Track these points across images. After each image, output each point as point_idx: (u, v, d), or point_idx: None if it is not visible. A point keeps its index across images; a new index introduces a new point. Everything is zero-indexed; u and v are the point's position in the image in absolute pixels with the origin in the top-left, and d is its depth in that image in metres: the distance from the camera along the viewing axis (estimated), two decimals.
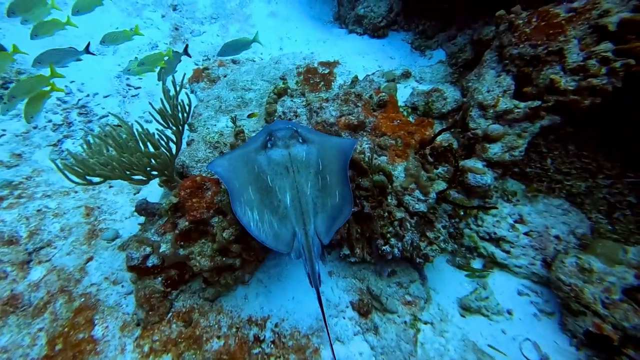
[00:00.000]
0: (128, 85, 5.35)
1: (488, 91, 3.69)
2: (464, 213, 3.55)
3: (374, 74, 5.20)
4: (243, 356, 2.76)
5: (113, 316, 2.99)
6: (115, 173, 2.74)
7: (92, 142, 2.85)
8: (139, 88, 5.34)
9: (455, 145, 3.82)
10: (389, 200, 3.01)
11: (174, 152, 3.20)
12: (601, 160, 3.55)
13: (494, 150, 3.56)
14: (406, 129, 3.33)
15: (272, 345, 2.84)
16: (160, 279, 2.90)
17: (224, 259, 2.78)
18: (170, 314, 2.94)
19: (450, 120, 4.39)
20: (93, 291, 3.14)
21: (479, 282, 3.37)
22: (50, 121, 4.62)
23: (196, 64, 5.80)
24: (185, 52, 4.54)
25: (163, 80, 3.11)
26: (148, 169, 2.94)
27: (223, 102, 4.23)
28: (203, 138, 3.69)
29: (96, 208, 3.81)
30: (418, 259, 3.02)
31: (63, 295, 3.10)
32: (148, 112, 3.72)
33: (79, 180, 2.72)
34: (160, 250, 2.79)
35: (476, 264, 3.55)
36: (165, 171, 3.07)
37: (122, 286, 3.18)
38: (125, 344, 2.84)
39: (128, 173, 2.83)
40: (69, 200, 3.83)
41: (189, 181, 2.83)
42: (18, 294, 3.08)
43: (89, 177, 2.75)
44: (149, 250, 2.82)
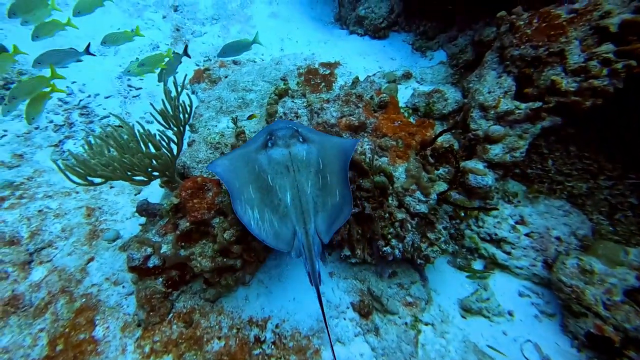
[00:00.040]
0: (129, 86, 5.36)
1: (489, 92, 3.69)
2: (464, 214, 3.55)
3: (374, 75, 5.21)
4: (244, 357, 2.76)
5: (114, 317, 2.99)
6: (116, 174, 2.75)
7: (94, 143, 2.85)
8: (140, 89, 5.35)
9: (456, 146, 3.82)
10: (390, 201, 3.00)
11: (175, 153, 3.20)
12: (602, 161, 3.54)
13: (495, 151, 3.56)
14: (407, 130, 3.33)
15: (273, 346, 2.84)
16: (161, 279, 2.90)
17: (225, 260, 2.79)
18: (171, 314, 2.95)
19: (451, 121, 4.40)
20: (94, 292, 3.14)
21: (479, 284, 3.36)
22: (51, 122, 4.62)
23: (197, 65, 5.81)
24: (185, 53, 4.54)
25: (164, 81, 3.12)
26: (149, 169, 2.95)
27: (224, 103, 4.23)
28: (204, 139, 3.69)
29: (97, 209, 3.82)
30: (419, 260, 3.01)
31: (64, 295, 3.11)
32: (149, 113, 3.72)
33: (80, 181, 2.73)
34: (161, 251, 2.79)
35: (477, 265, 3.55)
36: (166, 172, 3.07)
37: (123, 287, 3.18)
38: (126, 344, 2.84)
39: (129, 174, 2.83)
40: (70, 200, 3.84)
41: (190, 182, 2.83)
42: (19, 295, 3.09)
43: (90, 178, 2.76)
44: (150, 251, 2.82)
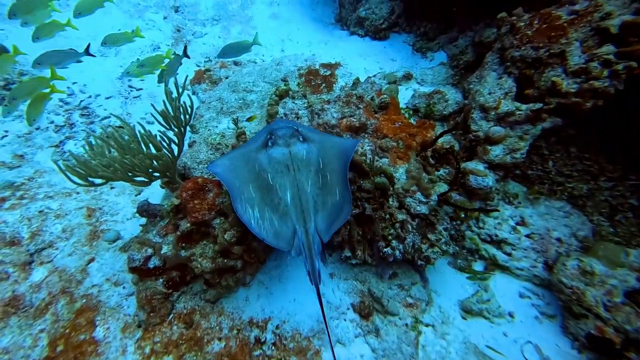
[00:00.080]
0: (130, 86, 5.37)
1: (489, 93, 3.69)
2: (465, 215, 3.55)
3: (375, 75, 5.21)
4: (244, 358, 2.76)
5: (114, 317, 2.99)
6: (117, 174, 2.75)
7: (94, 144, 2.86)
8: (141, 89, 5.36)
9: (456, 147, 3.82)
10: (391, 202, 3.00)
11: (176, 154, 3.21)
12: (603, 162, 3.54)
13: (496, 152, 3.56)
14: (408, 131, 3.33)
15: (273, 347, 2.84)
16: (161, 280, 2.90)
17: (226, 261, 2.78)
18: (172, 315, 2.95)
19: (451, 123, 4.40)
20: (94, 292, 3.14)
21: (480, 285, 3.36)
22: (52, 122, 4.63)
23: (198, 66, 5.82)
24: (185, 54, 4.55)
25: (165, 82, 3.13)
26: (150, 170, 2.95)
27: (224, 104, 4.23)
28: (205, 140, 3.69)
29: (98, 209, 3.82)
30: (419, 261, 3.01)
31: (64, 296, 3.11)
32: (150, 114, 3.72)
33: (81, 182, 2.73)
34: (162, 252, 2.79)
35: (477, 266, 3.54)
36: (167, 173, 3.07)
37: (124, 287, 3.18)
38: (126, 345, 2.84)
39: (130, 174, 2.84)
40: (70, 201, 3.84)
41: (190, 183, 2.83)
42: (20, 295, 3.09)
43: (90, 179, 2.76)
44: (150, 251, 2.83)
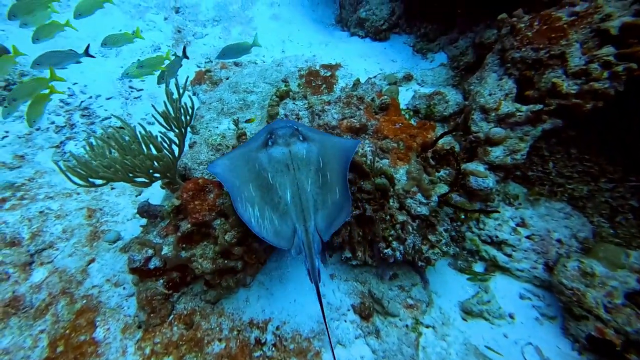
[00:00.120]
0: (130, 87, 5.37)
1: (490, 94, 3.70)
2: (465, 216, 3.55)
3: (375, 76, 5.22)
4: (244, 359, 2.75)
5: (114, 318, 2.99)
6: (118, 175, 2.75)
7: (95, 144, 2.85)
8: (142, 90, 5.37)
9: (457, 148, 3.82)
10: (391, 203, 3.00)
11: (177, 155, 3.21)
12: (603, 163, 3.54)
13: (496, 153, 3.57)
14: (408, 132, 3.33)
15: (274, 348, 2.83)
16: (162, 281, 2.90)
17: (226, 262, 2.78)
18: (172, 316, 2.95)
19: (452, 124, 4.40)
20: (95, 293, 3.14)
21: (480, 286, 3.36)
22: (52, 123, 4.63)
23: (198, 66, 5.83)
24: (184, 55, 4.57)
25: (166, 83, 3.13)
26: (151, 171, 2.95)
27: (225, 105, 4.23)
28: (205, 140, 3.69)
29: (98, 210, 3.82)
30: (420, 262, 3.01)
31: (65, 297, 3.10)
32: (150, 114, 3.73)
33: (82, 182, 2.73)
34: (162, 253, 2.79)
35: (478, 267, 3.54)
36: (167, 173, 3.07)
37: (124, 288, 3.18)
38: (126, 346, 2.84)
39: (131, 175, 2.83)
40: (71, 202, 3.84)
41: (191, 183, 2.83)
42: (20, 296, 3.08)
43: (91, 179, 2.76)
44: (151, 252, 2.82)
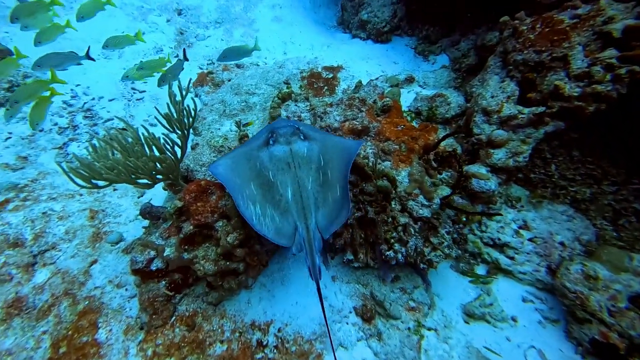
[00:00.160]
0: (133, 89, 5.39)
1: (492, 97, 3.69)
2: (467, 218, 3.54)
3: (377, 78, 5.22)
4: None
5: (117, 319, 2.99)
6: (121, 177, 2.76)
7: (98, 146, 2.86)
8: (144, 92, 5.39)
9: (459, 150, 3.81)
10: (393, 206, 3.00)
11: (179, 156, 3.21)
12: (606, 166, 3.53)
13: (498, 155, 3.56)
14: (410, 134, 3.33)
15: (275, 351, 2.83)
16: (164, 282, 2.90)
17: (228, 263, 2.79)
18: (174, 317, 2.95)
19: (454, 126, 4.40)
20: (97, 294, 3.15)
21: (483, 289, 3.35)
22: (55, 124, 4.66)
23: (200, 68, 5.85)
24: (184, 57, 4.59)
25: (169, 85, 3.15)
26: (153, 172, 2.96)
27: (227, 106, 4.24)
28: (207, 142, 3.70)
29: (101, 211, 3.83)
30: (422, 265, 3.01)
31: (67, 298, 3.11)
32: (153, 116, 3.74)
33: (84, 184, 2.73)
34: (165, 254, 2.80)
35: (480, 270, 3.53)
36: (170, 175, 3.08)
37: (126, 289, 3.18)
38: (128, 347, 2.84)
39: (133, 177, 2.84)
40: (73, 203, 3.85)
41: (193, 185, 2.84)
42: (23, 297, 3.09)
43: (94, 181, 2.77)
44: (153, 253, 2.83)
